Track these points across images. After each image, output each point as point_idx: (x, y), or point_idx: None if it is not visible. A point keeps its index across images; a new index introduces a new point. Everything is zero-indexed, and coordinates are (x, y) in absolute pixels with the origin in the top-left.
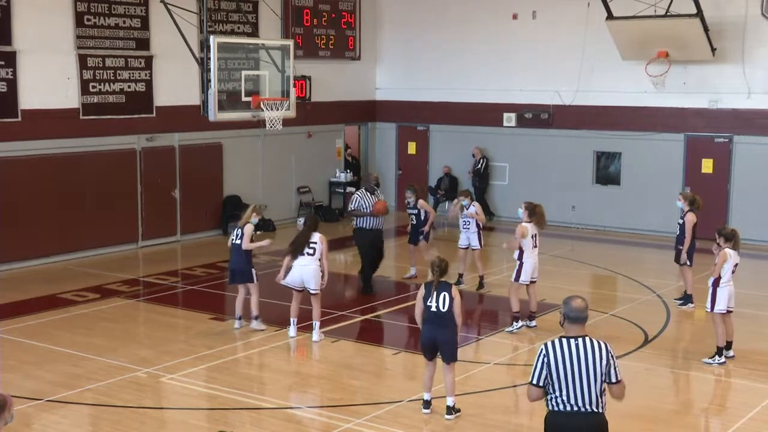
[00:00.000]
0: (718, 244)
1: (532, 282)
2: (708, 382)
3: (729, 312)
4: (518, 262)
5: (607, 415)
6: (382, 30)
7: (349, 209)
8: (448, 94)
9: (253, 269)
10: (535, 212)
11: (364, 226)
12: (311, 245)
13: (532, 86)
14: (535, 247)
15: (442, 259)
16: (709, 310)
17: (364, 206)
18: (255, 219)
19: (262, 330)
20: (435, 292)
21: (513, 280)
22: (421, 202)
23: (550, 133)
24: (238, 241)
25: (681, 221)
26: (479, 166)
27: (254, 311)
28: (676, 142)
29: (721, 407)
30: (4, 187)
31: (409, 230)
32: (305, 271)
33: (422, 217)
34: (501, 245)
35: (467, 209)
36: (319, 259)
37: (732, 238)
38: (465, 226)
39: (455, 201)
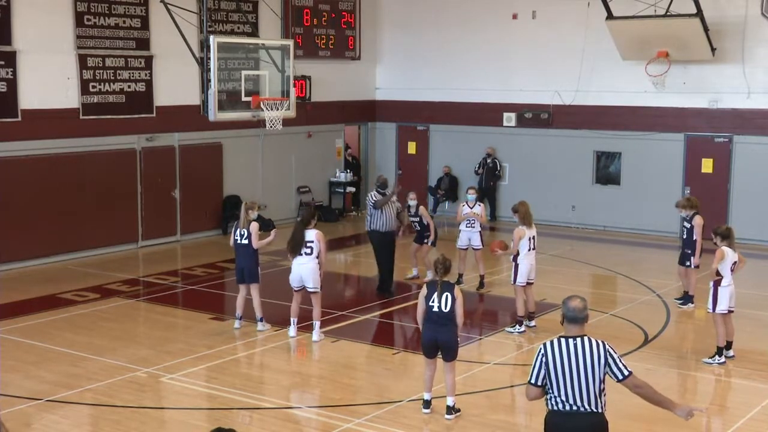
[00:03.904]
0: (715, 243)
1: (528, 284)
2: (708, 382)
3: (730, 312)
4: (514, 264)
5: (607, 416)
6: (382, 30)
7: (371, 203)
8: (448, 94)
9: (259, 269)
10: (518, 211)
11: (379, 228)
12: (308, 244)
13: (532, 86)
14: (533, 249)
15: (446, 258)
16: (710, 310)
17: (372, 210)
18: (254, 215)
19: (266, 330)
20: (438, 292)
21: (512, 282)
22: (421, 209)
23: (550, 133)
24: (245, 242)
25: (688, 225)
26: (498, 168)
27: (258, 313)
28: (676, 141)
29: (722, 407)
30: (4, 187)
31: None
32: (303, 270)
33: (425, 222)
34: (495, 253)
35: (470, 207)
36: (317, 257)
37: (728, 236)
38: (469, 225)
39: (463, 204)
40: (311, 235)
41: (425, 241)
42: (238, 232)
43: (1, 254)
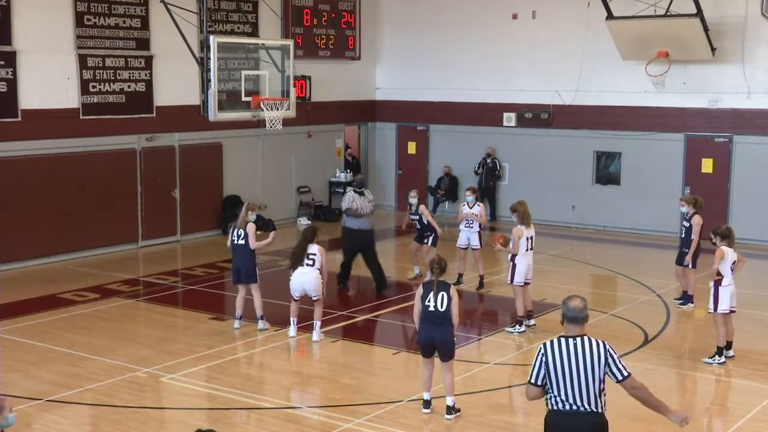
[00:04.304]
0: (714, 243)
1: (526, 283)
2: (708, 382)
3: (732, 312)
4: (511, 264)
5: (607, 416)
6: (382, 30)
7: (346, 207)
8: (448, 94)
9: (257, 269)
10: (516, 210)
11: (351, 226)
12: (310, 256)
13: (532, 86)
14: (530, 249)
15: (441, 258)
16: (712, 311)
17: (357, 206)
18: (253, 216)
19: (267, 329)
20: (434, 292)
21: (509, 282)
22: (422, 207)
23: (550, 133)
24: (242, 242)
25: (687, 224)
26: (498, 168)
27: (258, 312)
28: (676, 141)
29: (722, 407)
30: (4, 187)
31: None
32: (305, 280)
33: (424, 222)
34: (494, 246)
35: (470, 207)
36: (319, 269)
37: (728, 236)
38: (467, 225)
39: (462, 206)
40: (314, 248)
41: (425, 241)
42: (235, 232)
43: (2, 254)
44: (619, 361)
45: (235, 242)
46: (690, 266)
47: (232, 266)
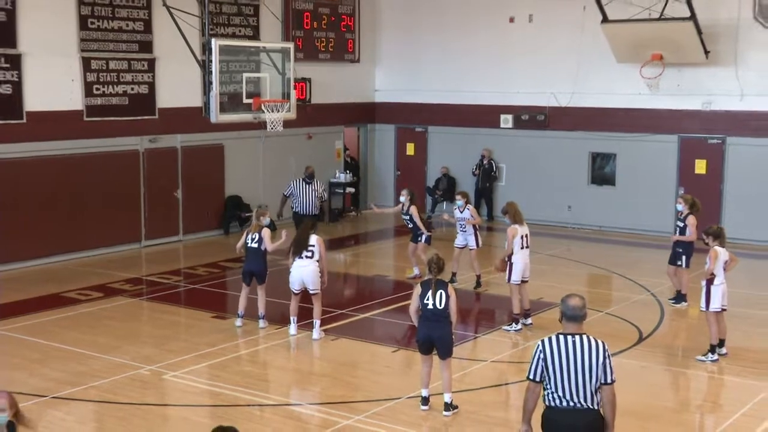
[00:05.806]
0: (706, 243)
1: (523, 282)
2: (701, 380)
3: (723, 310)
4: (508, 263)
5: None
6: (381, 33)
7: (285, 193)
8: (446, 96)
9: (267, 271)
10: (507, 211)
11: (299, 210)
12: (310, 248)
13: (529, 88)
14: (526, 247)
15: (439, 257)
16: (703, 309)
17: (295, 194)
18: (267, 220)
19: (265, 328)
20: (432, 290)
21: (507, 281)
22: (412, 209)
23: (547, 135)
24: (255, 245)
25: (681, 224)
26: (494, 169)
27: (261, 310)
28: (670, 143)
29: (714, 404)
30: (9, 188)
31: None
32: (304, 273)
33: (416, 221)
34: (492, 268)
35: (461, 212)
36: (318, 261)
37: (720, 236)
38: (461, 229)
39: (448, 215)
40: (313, 239)
41: (419, 239)
42: (249, 236)
43: (8, 254)
44: (611, 365)
45: (249, 245)
46: (683, 266)
47: (243, 267)
